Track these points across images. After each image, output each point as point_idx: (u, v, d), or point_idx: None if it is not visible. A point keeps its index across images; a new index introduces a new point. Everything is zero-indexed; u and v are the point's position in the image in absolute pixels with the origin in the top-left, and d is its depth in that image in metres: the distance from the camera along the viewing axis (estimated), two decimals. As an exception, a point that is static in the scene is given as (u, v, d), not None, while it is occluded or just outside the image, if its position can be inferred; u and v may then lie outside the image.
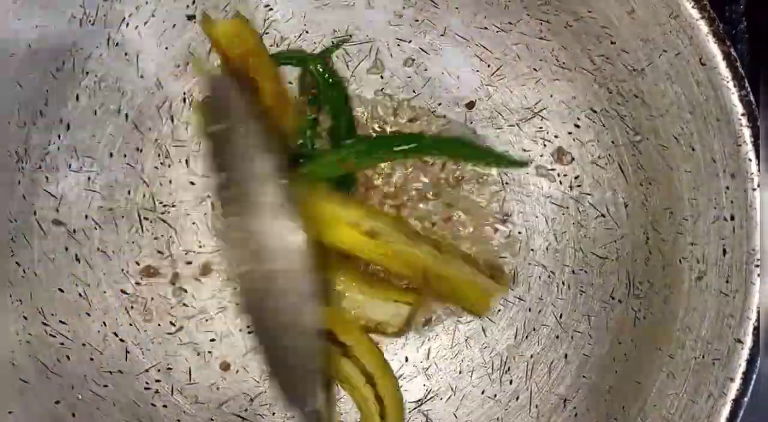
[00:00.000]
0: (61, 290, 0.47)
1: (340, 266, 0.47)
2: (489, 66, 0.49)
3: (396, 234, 0.46)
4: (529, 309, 0.49)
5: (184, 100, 0.49)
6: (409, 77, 0.50)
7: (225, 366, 0.49)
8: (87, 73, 0.45)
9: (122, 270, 0.48)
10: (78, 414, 0.46)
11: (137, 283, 0.49)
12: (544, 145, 0.49)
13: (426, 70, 0.49)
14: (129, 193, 0.48)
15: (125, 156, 0.48)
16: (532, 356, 0.49)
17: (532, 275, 0.49)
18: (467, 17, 0.48)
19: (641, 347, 0.45)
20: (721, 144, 0.40)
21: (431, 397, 0.49)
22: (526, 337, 0.49)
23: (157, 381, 0.48)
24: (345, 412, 0.49)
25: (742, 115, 0.38)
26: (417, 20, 0.49)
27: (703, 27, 0.39)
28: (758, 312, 0.39)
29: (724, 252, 0.40)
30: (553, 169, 0.49)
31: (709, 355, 0.40)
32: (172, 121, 0.49)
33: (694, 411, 0.40)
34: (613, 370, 0.46)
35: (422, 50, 0.49)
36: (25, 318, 0.45)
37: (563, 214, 0.49)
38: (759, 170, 0.38)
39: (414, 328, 0.50)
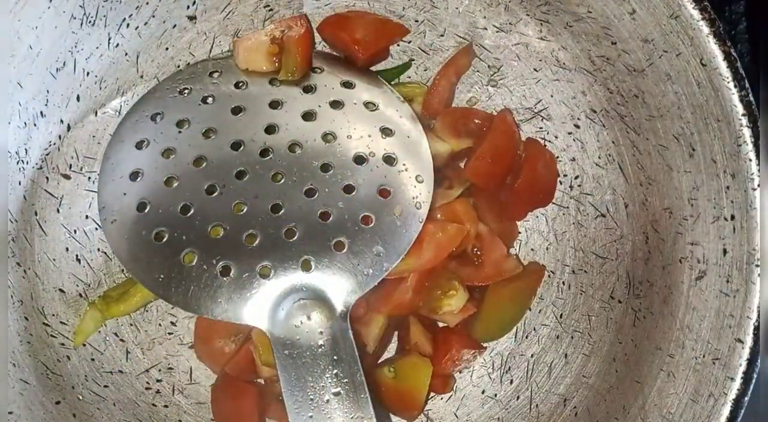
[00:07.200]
0: (61, 290, 0.47)
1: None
2: (489, 66, 0.49)
3: None
4: (530, 309, 0.49)
5: (185, 100, 0.49)
6: (409, 77, 0.50)
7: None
8: (87, 73, 0.45)
9: (122, 270, 0.48)
10: (78, 414, 0.46)
11: (137, 283, 0.49)
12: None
13: (426, 70, 0.49)
14: (129, 193, 0.48)
15: (125, 156, 0.48)
16: (532, 355, 0.49)
17: (532, 275, 0.49)
18: (467, 17, 0.48)
19: (641, 347, 0.45)
20: (721, 144, 0.40)
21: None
22: (526, 337, 0.49)
23: (158, 381, 0.48)
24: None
25: (743, 115, 0.39)
26: (417, 20, 0.49)
27: (704, 28, 0.39)
28: (759, 312, 0.39)
29: (725, 252, 0.40)
30: (553, 169, 0.49)
31: (710, 355, 0.40)
32: (172, 121, 0.48)
33: (694, 411, 0.40)
34: (613, 370, 0.46)
35: (422, 50, 0.49)
36: (26, 318, 0.45)
37: (563, 214, 0.49)
38: (759, 170, 0.38)
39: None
